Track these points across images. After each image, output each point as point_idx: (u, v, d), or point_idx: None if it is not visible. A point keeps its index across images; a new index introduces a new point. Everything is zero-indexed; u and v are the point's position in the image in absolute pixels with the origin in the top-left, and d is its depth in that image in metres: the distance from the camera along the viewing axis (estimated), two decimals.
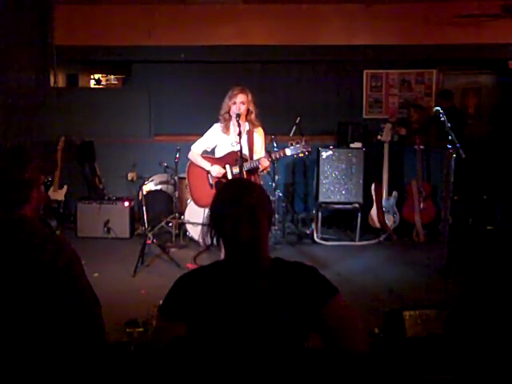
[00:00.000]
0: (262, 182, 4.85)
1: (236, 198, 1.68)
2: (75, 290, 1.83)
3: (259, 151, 4.27)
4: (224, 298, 1.64)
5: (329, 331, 1.66)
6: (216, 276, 1.69)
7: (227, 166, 4.20)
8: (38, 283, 1.78)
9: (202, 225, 5.61)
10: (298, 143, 4.13)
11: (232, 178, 3.74)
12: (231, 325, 1.63)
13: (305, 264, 1.76)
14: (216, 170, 4.22)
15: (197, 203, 4.46)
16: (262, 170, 4.22)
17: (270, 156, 4.14)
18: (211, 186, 4.27)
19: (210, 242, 1.75)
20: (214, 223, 1.72)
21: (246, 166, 4.07)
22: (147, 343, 1.73)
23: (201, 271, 1.77)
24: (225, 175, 4.23)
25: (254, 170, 4.17)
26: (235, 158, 4.09)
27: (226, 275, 1.68)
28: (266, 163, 4.12)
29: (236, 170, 4.10)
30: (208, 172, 4.28)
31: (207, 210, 4.50)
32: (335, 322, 1.66)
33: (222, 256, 1.74)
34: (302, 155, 4.15)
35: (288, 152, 4.13)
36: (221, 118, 4.28)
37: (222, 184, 1.74)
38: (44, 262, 1.79)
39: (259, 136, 4.29)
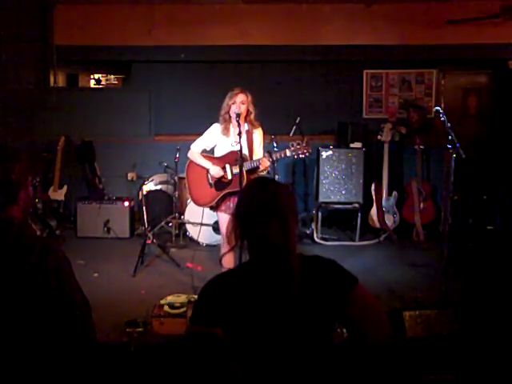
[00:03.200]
0: None
1: (265, 199, 1.68)
2: (64, 294, 1.80)
3: (258, 151, 4.27)
4: (256, 301, 1.64)
5: (353, 320, 1.70)
6: (246, 278, 1.68)
7: (227, 166, 4.19)
8: (25, 285, 1.75)
9: (202, 225, 5.60)
10: (298, 144, 4.12)
11: (258, 178, 3.72)
12: (265, 327, 1.63)
13: (323, 257, 1.78)
14: (215, 171, 4.21)
15: (196, 202, 4.45)
16: (262, 170, 4.21)
17: (271, 156, 4.13)
18: (210, 185, 4.26)
19: (234, 243, 1.74)
20: (241, 223, 1.71)
21: (246, 165, 4.06)
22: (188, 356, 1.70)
23: (228, 275, 1.76)
24: (224, 175, 4.22)
25: (253, 170, 4.17)
26: (235, 157, 4.08)
27: (256, 277, 1.67)
28: (266, 163, 4.11)
29: (236, 169, 4.10)
30: (208, 171, 4.27)
31: (206, 209, 4.54)
32: (358, 310, 1.69)
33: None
34: (302, 156, 4.14)
35: (288, 153, 4.12)
36: (221, 118, 4.27)
37: (253, 179, 1.78)
38: (31, 263, 1.76)
39: (258, 136, 4.29)
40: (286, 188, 1.80)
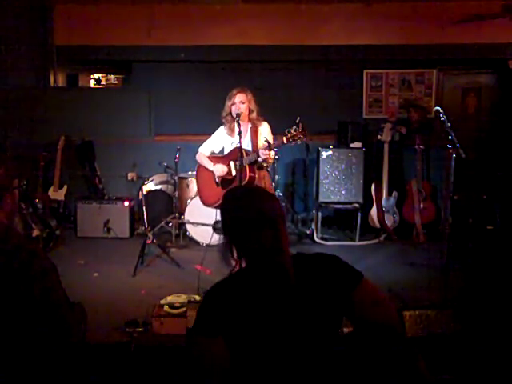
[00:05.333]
0: (272, 183, 4.81)
1: (255, 209, 1.67)
2: (48, 301, 1.78)
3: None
4: (256, 307, 1.63)
5: (361, 314, 1.68)
6: (245, 285, 1.67)
7: (231, 163, 4.22)
8: (8, 291, 1.73)
9: (202, 225, 5.61)
10: (295, 130, 4.09)
11: (241, 186, 3.69)
12: (269, 332, 1.62)
13: (326, 254, 1.77)
14: (219, 170, 4.23)
15: (204, 202, 4.48)
16: (267, 162, 4.17)
17: (269, 145, 4.09)
18: (217, 184, 4.29)
19: (231, 258, 1.72)
20: (233, 236, 1.70)
21: (246, 160, 4.05)
22: (192, 366, 1.68)
23: (228, 282, 1.74)
24: (229, 172, 4.24)
25: (259, 164, 4.15)
26: (238, 154, 4.09)
27: (254, 284, 1.67)
28: (265, 153, 4.06)
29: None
30: (213, 171, 4.31)
31: (206, 209, 4.54)
32: (366, 304, 1.68)
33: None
34: (299, 142, 4.10)
35: (285, 140, 4.07)
36: (224, 120, 4.29)
37: (229, 190, 1.77)
38: (14, 269, 1.73)
39: (264, 130, 4.26)
40: (271, 193, 1.82)
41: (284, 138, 4.05)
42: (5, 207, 1.87)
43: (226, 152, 4.37)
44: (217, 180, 4.29)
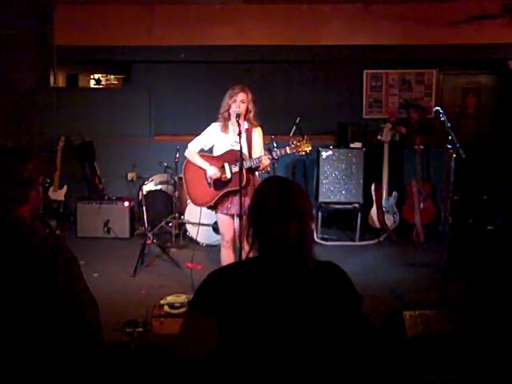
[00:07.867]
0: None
1: (287, 199, 1.70)
2: (71, 293, 1.81)
3: (258, 150, 4.25)
4: (263, 297, 1.64)
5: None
6: (254, 273, 1.68)
7: (226, 165, 4.16)
8: (33, 284, 1.76)
9: (201, 225, 5.60)
10: (299, 141, 4.10)
11: (276, 177, 3.67)
12: (267, 324, 1.63)
13: (337, 265, 1.80)
14: (213, 172, 4.16)
15: (194, 202, 4.41)
16: (262, 169, 4.19)
17: (271, 154, 4.10)
18: (209, 184, 4.23)
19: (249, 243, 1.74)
20: (258, 222, 1.72)
21: (246, 164, 4.04)
22: (178, 336, 1.71)
23: (236, 267, 1.78)
24: (222, 175, 4.19)
25: (254, 169, 4.15)
26: (234, 156, 4.06)
27: (266, 273, 1.67)
28: (266, 162, 4.07)
29: (235, 168, 4.08)
30: (205, 171, 4.25)
31: (205, 209, 4.53)
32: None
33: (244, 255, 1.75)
34: (303, 154, 4.12)
35: (289, 150, 4.09)
36: (220, 116, 4.25)
37: (264, 180, 1.82)
38: (39, 263, 1.77)
39: (258, 136, 4.27)
40: (302, 188, 1.82)
41: (287, 149, 4.05)
42: (31, 202, 1.91)
43: (216, 149, 4.30)
44: (209, 180, 4.23)
